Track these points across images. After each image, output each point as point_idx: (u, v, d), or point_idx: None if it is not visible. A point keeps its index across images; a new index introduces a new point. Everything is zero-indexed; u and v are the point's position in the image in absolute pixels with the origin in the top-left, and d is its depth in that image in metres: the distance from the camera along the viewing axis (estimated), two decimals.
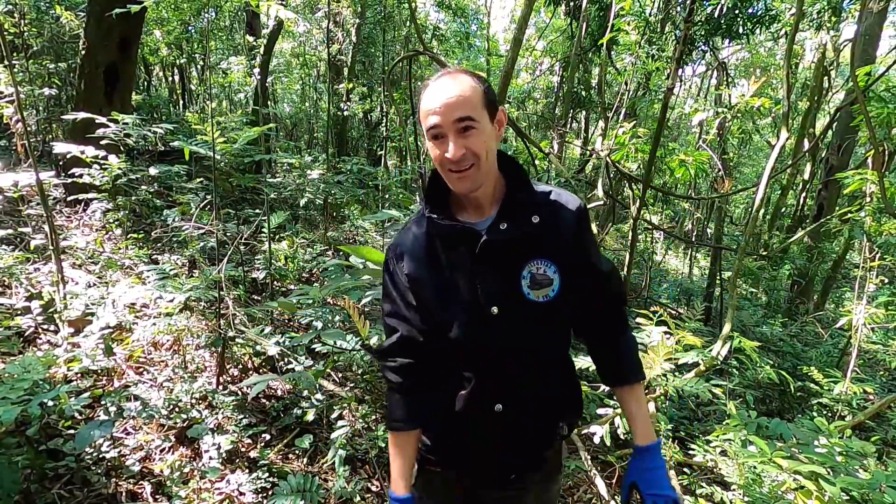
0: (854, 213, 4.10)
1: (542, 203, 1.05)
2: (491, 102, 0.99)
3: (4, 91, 4.05)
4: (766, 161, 4.58)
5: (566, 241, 1.04)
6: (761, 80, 4.48)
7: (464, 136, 0.95)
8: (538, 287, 1.02)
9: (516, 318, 1.03)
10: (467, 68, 1.03)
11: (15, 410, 1.56)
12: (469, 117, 0.95)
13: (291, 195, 5.26)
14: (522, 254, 1.03)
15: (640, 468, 1.09)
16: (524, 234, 1.02)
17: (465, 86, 0.96)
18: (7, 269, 3.01)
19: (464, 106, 0.95)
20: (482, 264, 1.02)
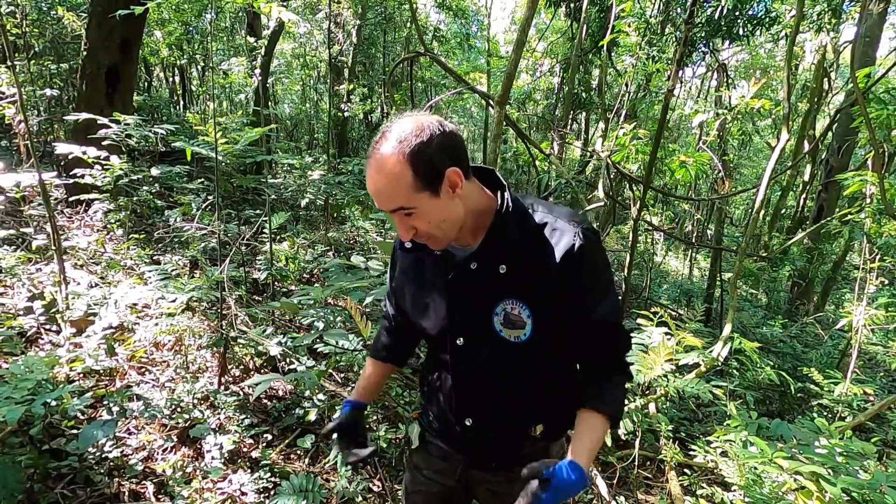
0: (854, 215, 4.11)
1: (526, 241, 0.96)
2: (430, 174, 0.86)
3: (6, 92, 4.07)
4: (766, 162, 4.59)
5: (546, 285, 0.95)
6: (761, 82, 4.49)
7: (407, 219, 0.90)
8: (511, 326, 0.98)
9: (484, 352, 1.03)
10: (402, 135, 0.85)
11: (19, 410, 1.56)
12: (401, 207, 0.88)
13: (292, 196, 5.27)
14: (495, 293, 0.98)
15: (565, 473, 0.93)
16: (492, 281, 0.97)
17: (389, 174, 0.85)
18: (9, 270, 3.02)
19: (392, 198, 0.87)
20: (454, 295, 1.02)
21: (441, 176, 0.87)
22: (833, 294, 7.79)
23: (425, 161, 0.85)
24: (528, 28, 1.90)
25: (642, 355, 2.51)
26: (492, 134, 2.65)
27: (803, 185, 8.55)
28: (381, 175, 0.86)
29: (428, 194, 0.87)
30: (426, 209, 0.88)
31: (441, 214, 0.90)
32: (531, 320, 0.96)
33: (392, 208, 0.88)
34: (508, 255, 0.97)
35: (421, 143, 0.85)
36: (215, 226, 3.53)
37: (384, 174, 0.86)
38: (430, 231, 0.92)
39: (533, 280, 0.96)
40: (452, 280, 1.01)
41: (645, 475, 2.93)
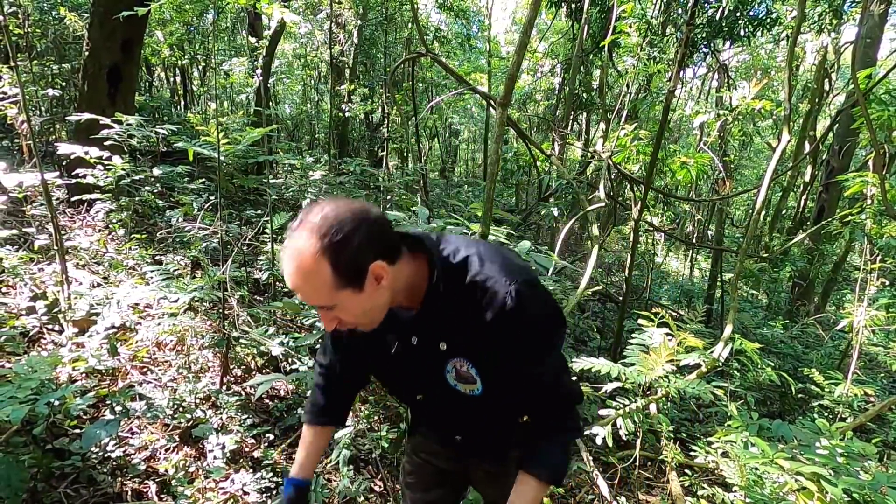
0: (855, 216, 4.11)
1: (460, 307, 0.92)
2: (352, 272, 0.81)
3: (9, 92, 4.07)
4: (767, 163, 4.60)
5: (484, 345, 0.94)
6: (762, 83, 4.49)
7: (329, 312, 0.87)
8: (464, 382, 0.99)
9: (445, 403, 1.06)
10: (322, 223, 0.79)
11: (22, 410, 1.57)
12: (322, 305, 0.85)
13: (294, 196, 5.28)
14: (444, 352, 0.98)
15: None
16: (433, 353, 0.98)
17: (308, 273, 0.80)
18: (12, 270, 3.02)
19: (311, 297, 0.83)
20: (403, 359, 1.03)
21: (365, 272, 0.83)
22: (834, 295, 7.79)
23: (347, 259, 0.80)
24: (530, 30, 1.90)
25: (643, 355, 2.52)
26: (493, 135, 2.66)
27: (804, 185, 8.55)
28: (298, 274, 0.80)
29: (350, 290, 0.82)
30: (349, 304, 0.84)
31: (365, 306, 0.86)
32: (479, 377, 0.97)
33: (314, 304, 0.85)
34: (445, 328, 0.95)
35: (342, 240, 0.79)
36: (217, 226, 3.53)
37: (302, 273, 0.80)
38: (354, 321, 0.89)
39: (470, 341, 0.94)
40: (398, 352, 1.02)
41: (646, 476, 2.93)
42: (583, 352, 4.34)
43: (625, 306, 4.54)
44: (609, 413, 2.70)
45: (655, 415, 2.91)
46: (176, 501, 1.96)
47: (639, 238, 4.76)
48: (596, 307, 6.20)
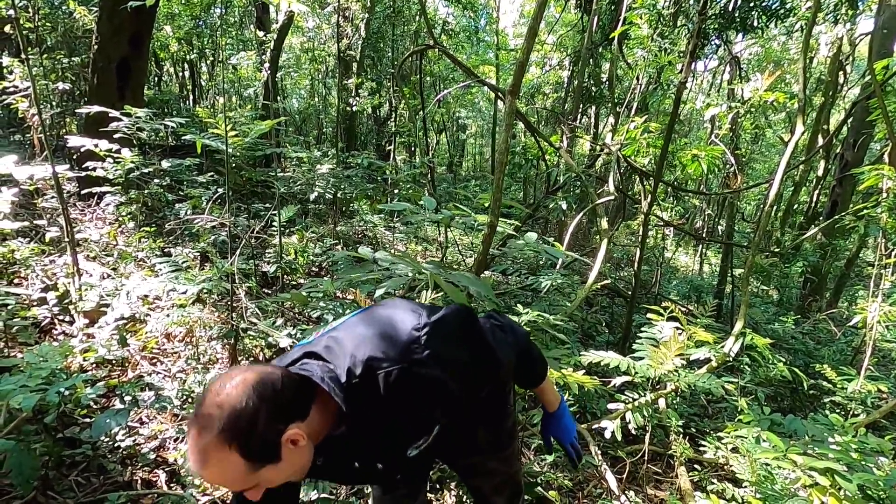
0: (869, 210, 4.04)
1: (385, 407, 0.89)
2: (265, 451, 0.78)
3: (20, 86, 4.11)
4: (779, 157, 4.52)
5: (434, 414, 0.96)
6: (775, 75, 4.42)
7: (252, 489, 0.83)
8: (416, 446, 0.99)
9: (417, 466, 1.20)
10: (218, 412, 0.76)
11: (34, 398, 1.58)
12: (245, 489, 0.82)
13: (301, 190, 5.28)
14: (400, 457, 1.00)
15: (554, 426, 1.33)
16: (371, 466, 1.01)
17: (217, 468, 0.76)
18: (24, 261, 3.05)
19: (231, 486, 0.82)
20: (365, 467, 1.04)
21: (278, 445, 0.80)
22: (846, 291, 7.68)
23: (258, 442, 0.77)
24: (540, 16, 1.87)
25: (652, 349, 2.49)
26: (502, 126, 2.63)
27: (817, 180, 8.43)
28: (211, 472, 0.77)
29: (269, 466, 0.80)
30: (271, 477, 0.81)
31: (288, 471, 0.83)
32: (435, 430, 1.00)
33: (219, 486, 0.87)
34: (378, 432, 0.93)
35: (246, 426, 0.75)
36: (225, 219, 3.54)
37: (215, 471, 0.77)
38: (282, 482, 0.85)
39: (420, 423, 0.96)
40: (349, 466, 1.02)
41: (654, 470, 2.91)
42: (591, 346, 4.32)
43: (633, 301, 4.51)
44: (618, 407, 2.68)
45: (665, 409, 2.89)
46: (185, 490, 1.97)
47: (648, 232, 4.71)
48: (604, 302, 6.16)
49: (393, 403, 0.87)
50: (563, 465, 2.74)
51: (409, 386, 0.87)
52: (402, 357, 0.87)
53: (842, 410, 3.29)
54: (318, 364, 0.89)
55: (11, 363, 2.06)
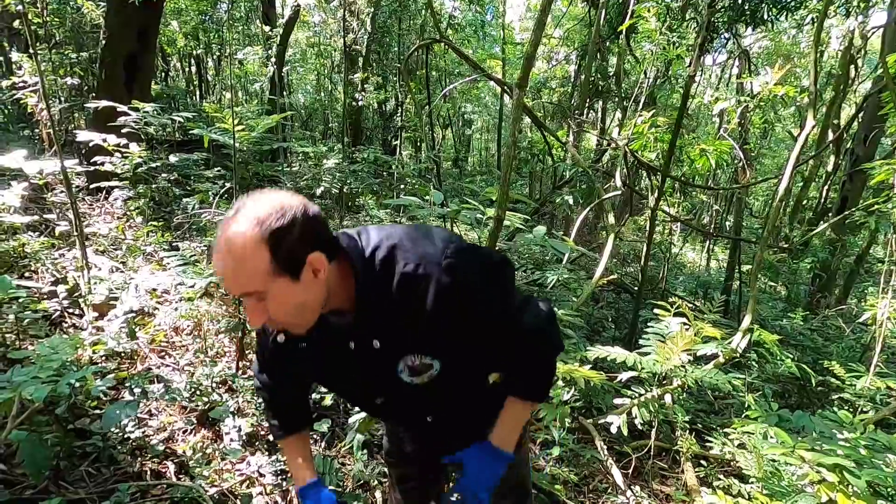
0: (880, 205, 3.99)
1: (395, 302, 0.89)
2: (291, 260, 0.79)
3: (29, 81, 4.13)
4: (788, 152, 4.48)
5: (431, 329, 0.91)
6: (785, 68, 4.36)
7: (260, 304, 0.82)
8: (418, 374, 0.97)
9: (403, 399, 1.06)
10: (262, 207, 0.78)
11: (45, 389, 1.60)
12: (255, 291, 0.80)
13: (308, 184, 5.29)
14: (389, 357, 0.96)
15: (476, 456, 1.03)
16: (373, 354, 0.94)
17: (243, 257, 0.76)
18: (34, 255, 3.08)
19: (244, 283, 0.79)
20: (352, 367, 0.99)
21: (303, 262, 0.80)
22: (856, 287, 7.60)
23: (287, 246, 0.78)
24: (548, 8, 1.86)
25: (659, 345, 2.49)
26: (509, 120, 2.62)
27: (826, 175, 8.34)
28: (232, 256, 0.77)
29: (287, 279, 0.80)
30: (282, 293, 0.80)
31: (299, 297, 0.82)
32: (436, 360, 0.96)
33: (244, 292, 0.80)
34: (380, 326, 0.92)
35: (282, 227, 0.77)
36: None
37: (236, 256, 0.76)
38: (285, 318, 0.84)
39: (416, 333, 0.92)
40: (340, 357, 0.97)
41: (660, 466, 2.91)
42: (597, 341, 4.31)
43: (640, 296, 4.49)
44: (624, 402, 2.68)
45: (671, 405, 2.88)
46: (194, 482, 1.99)
47: (655, 228, 4.68)
48: (611, 297, 6.14)
49: (401, 300, 0.87)
50: (569, 460, 2.74)
51: (420, 286, 0.86)
52: (425, 258, 0.87)
53: (850, 407, 3.27)
54: (346, 237, 0.91)
55: (23, 355, 2.08)
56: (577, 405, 3.11)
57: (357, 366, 0.98)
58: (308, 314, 0.86)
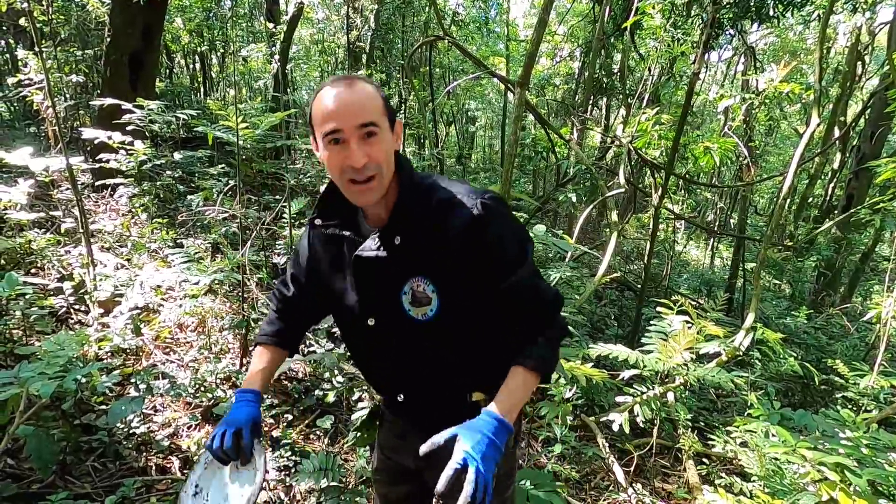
0: (886, 203, 3.97)
1: (427, 217, 0.97)
2: (390, 111, 0.95)
3: (34, 78, 4.16)
4: (794, 149, 4.44)
5: (448, 259, 0.95)
6: (791, 65, 4.33)
7: (367, 142, 0.90)
8: (418, 305, 0.99)
9: (395, 331, 1.03)
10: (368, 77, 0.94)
11: (52, 385, 1.62)
12: (372, 122, 0.90)
13: (311, 182, 5.30)
14: (401, 271, 0.98)
15: (472, 426, 0.90)
16: (393, 255, 0.97)
17: (366, 91, 0.92)
18: (40, 251, 3.11)
19: (366, 111, 0.90)
20: (361, 275, 1.02)
21: (395, 118, 0.97)
22: (861, 286, 7.57)
23: (387, 100, 0.96)
24: (550, 6, 1.85)
25: (661, 343, 2.49)
26: (512, 117, 2.62)
27: (832, 172, 8.28)
28: (359, 91, 0.91)
29: (388, 126, 0.94)
30: (384, 136, 0.93)
31: (390, 146, 0.95)
32: (436, 295, 0.98)
33: (363, 122, 0.89)
34: (407, 230, 0.98)
35: (380, 87, 0.96)
36: (236, 210, 3.57)
37: (363, 91, 0.91)
38: (382, 163, 0.92)
39: (434, 255, 0.97)
40: (357, 259, 1.00)
41: (662, 463, 2.92)
42: (600, 339, 4.31)
43: (643, 294, 4.49)
44: (626, 400, 2.68)
45: (673, 403, 2.88)
46: None
47: (658, 225, 4.67)
48: (613, 295, 6.14)
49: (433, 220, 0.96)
50: (570, 457, 2.75)
51: (454, 212, 0.95)
52: (464, 192, 0.97)
53: (854, 406, 3.26)
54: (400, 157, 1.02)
55: (30, 351, 2.10)
56: (579, 403, 3.11)
57: (367, 275, 1.01)
58: (387, 173, 0.94)
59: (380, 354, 1.10)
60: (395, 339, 1.05)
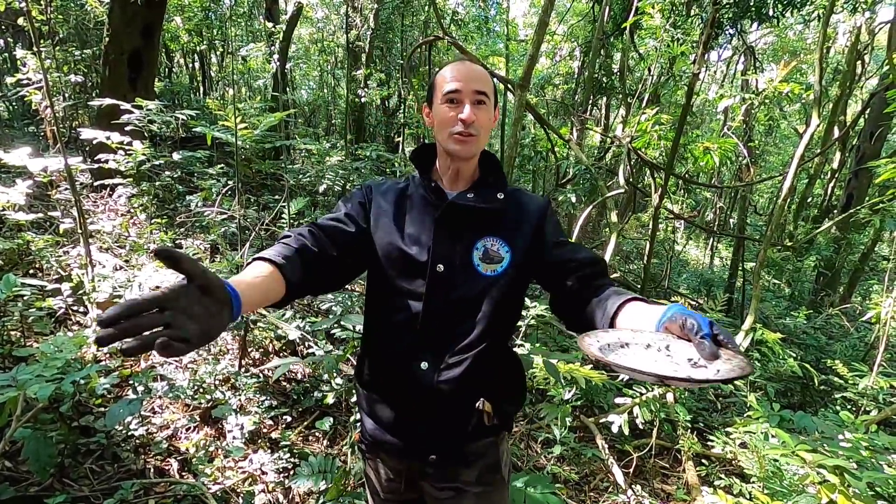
0: (886, 203, 3.97)
1: (510, 189, 1.16)
2: (496, 95, 1.13)
3: (33, 78, 4.15)
4: (794, 149, 4.44)
5: (525, 229, 1.12)
6: (791, 65, 4.33)
7: (476, 107, 1.07)
8: (489, 261, 1.09)
9: (460, 283, 1.08)
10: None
11: (50, 387, 1.61)
12: (485, 92, 1.07)
13: (310, 182, 5.29)
14: (481, 226, 1.11)
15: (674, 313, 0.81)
16: (486, 209, 1.10)
17: (483, 70, 1.10)
18: (38, 252, 3.10)
19: (482, 82, 1.07)
20: (443, 226, 1.10)
21: (497, 103, 1.15)
22: (860, 285, 7.57)
23: (496, 87, 1.14)
24: (550, 8, 1.85)
25: None
26: (511, 118, 2.61)
27: (832, 172, 8.28)
28: (476, 68, 1.09)
29: (493, 102, 1.11)
30: (489, 107, 1.10)
31: (489, 120, 1.11)
32: (509, 255, 1.10)
33: (479, 89, 1.06)
34: (503, 190, 1.14)
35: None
36: (235, 210, 3.57)
37: (479, 69, 1.10)
38: (483, 127, 1.08)
39: (518, 220, 1.12)
40: (447, 208, 1.10)
41: (662, 464, 2.91)
42: None
43: (643, 294, 4.47)
44: (625, 401, 2.68)
45: (672, 404, 2.88)
46: (197, 479, 2.01)
47: (658, 225, 4.67)
48: None
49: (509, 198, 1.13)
50: (570, 458, 2.74)
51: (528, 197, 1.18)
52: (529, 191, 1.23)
53: (853, 407, 3.26)
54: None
55: (28, 353, 2.10)
56: (578, 404, 3.11)
57: (453, 222, 1.10)
58: (484, 138, 1.11)
59: (435, 303, 1.06)
60: (456, 288, 1.08)
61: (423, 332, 1.08)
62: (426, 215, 1.12)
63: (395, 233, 1.12)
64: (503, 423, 1.14)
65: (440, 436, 1.11)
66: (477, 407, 1.10)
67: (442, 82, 1.09)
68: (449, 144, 1.09)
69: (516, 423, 2.90)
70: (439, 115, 1.09)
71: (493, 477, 1.17)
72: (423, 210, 1.13)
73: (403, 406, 1.12)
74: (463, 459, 1.13)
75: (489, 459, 1.16)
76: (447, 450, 1.12)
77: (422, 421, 1.10)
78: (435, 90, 1.11)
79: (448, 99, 1.07)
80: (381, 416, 1.16)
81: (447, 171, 1.16)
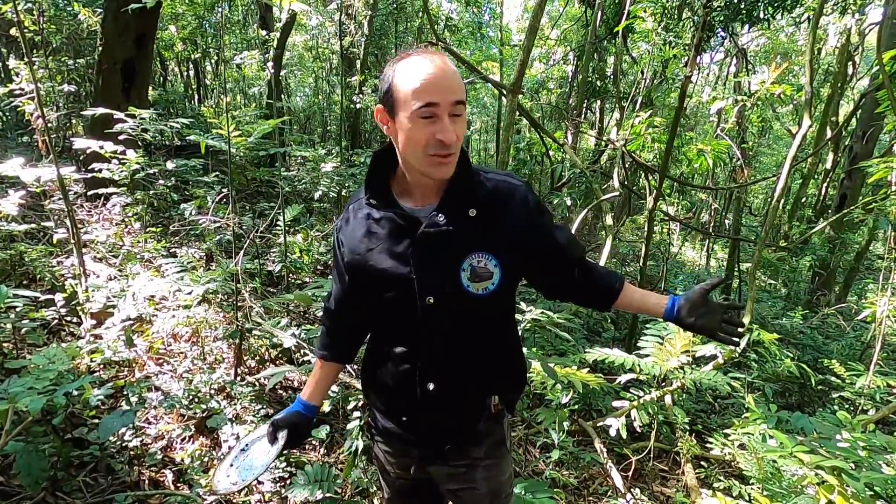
0: (879, 203, 3.99)
1: (484, 193, 1.04)
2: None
3: (25, 88, 4.13)
4: (787, 150, 4.47)
5: (510, 232, 1.03)
6: (782, 67, 4.36)
7: (454, 120, 0.92)
8: (478, 280, 1.02)
9: (453, 308, 1.04)
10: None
11: (41, 400, 1.60)
12: (463, 102, 0.93)
13: (306, 188, 5.29)
14: (462, 246, 1.01)
15: (688, 311, 1.18)
16: (461, 229, 1.00)
17: (454, 68, 0.93)
18: (32, 263, 3.08)
19: (459, 87, 0.92)
20: (421, 253, 1.01)
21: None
22: (855, 285, 7.60)
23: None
24: (540, 14, 1.86)
25: (658, 346, 2.48)
26: (504, 123, 2.62)
27: (825, 173, 8.34)
28: (450, 67, 0.92)
29: (465, 103, 0.96)
30: (464, 115, 0.95)
31: (464, 125, 0.96)
32: (499, 269, 1.03)
33: (458, 100, 0.91)
34: (477, 199, 1.02)
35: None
36: (230, 218, 3.55)
37: (452, 68, 0.92)
38: (460, 142, 0.95)
39: (500, 226, 1.03)
40: (420, 237, 1.00)
41: (660, 467, 2.90)
42: (596, 343, 4.30)
43: None
44: (623, 404, 2.67)
45: (670, 406, 2.88)
46: (192, 490, 1.99)
47: (654, 228, 4.68)
48: None
49: (487, 200, 1.03)
50: (568, 463, 2.73)
51: (507, 191, 1.05)
52: (511, 176, 1.09)
53: (850, 406, 3.26)
54: None
55: (21, 364, 2.08)
56: (576, 408, 3.10)
57: (430, 250, 1.01)
58: (457, 151, 0.96)
59: (433, 333, 1.06)
60: (451, 315, 1.05)
61: (427, 360, 1.10)
62: (401, 244, 1.03)
63: (376, 269, 1.06)
64: (509, 409, 1.19)
65: (452, 432, 1.15)
66: (487, 403, 1.14)
67: (410, 91, 0.89)
68: (425, 167, 0.94)
69: (514, 428, 2.89)
70: (411, 133, 0.91)
71: (500, 450, 1.21)
72: (396, 239, 1.04)
73: (415, 416, 1.16)
74: (473, 440, 1.17)
75: (496, 437, 1.20)
76: (460, 438, 1.16)
77: (433, 425, 1.15)
78: (399, 97, 0.91)
79: (426, 115, 0.89)
80: (392, 418, 1.20)
81: (417, 188, 1.04)
